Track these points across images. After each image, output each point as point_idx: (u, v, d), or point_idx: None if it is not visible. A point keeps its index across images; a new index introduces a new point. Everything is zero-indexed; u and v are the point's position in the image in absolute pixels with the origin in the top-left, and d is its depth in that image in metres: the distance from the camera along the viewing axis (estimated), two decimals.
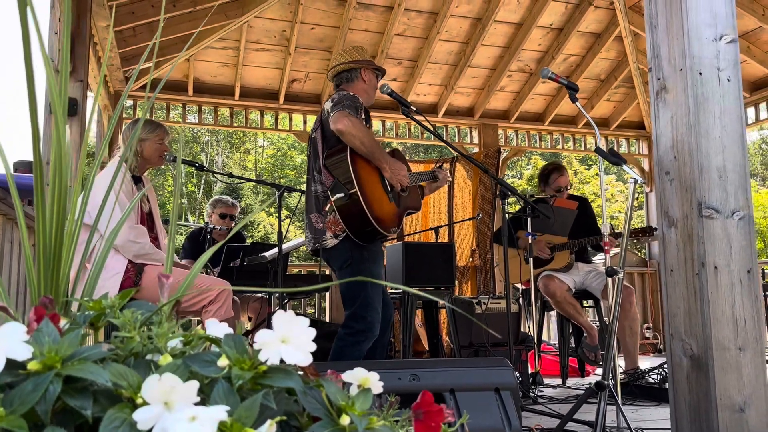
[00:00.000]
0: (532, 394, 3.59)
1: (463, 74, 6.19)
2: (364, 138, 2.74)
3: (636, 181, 2.24)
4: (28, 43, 0.72)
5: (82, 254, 1.03)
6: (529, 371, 4.15)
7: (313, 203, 2.90)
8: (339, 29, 5.58)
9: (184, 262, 4.02)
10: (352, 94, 2.89)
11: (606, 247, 2.60)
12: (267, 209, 19.51)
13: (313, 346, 0.77)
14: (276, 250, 3.67)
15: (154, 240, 3.03)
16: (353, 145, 2.74)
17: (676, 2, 2.05)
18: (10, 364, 0.64)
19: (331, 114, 2.77)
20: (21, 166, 4.47)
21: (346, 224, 2.74)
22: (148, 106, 1.10)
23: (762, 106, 6.43)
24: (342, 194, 2.71)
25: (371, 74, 3.11)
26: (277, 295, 4.07)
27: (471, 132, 6.88)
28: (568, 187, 4.53)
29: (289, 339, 0.75)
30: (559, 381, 4.40)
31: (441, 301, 4.08)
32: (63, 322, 0.79)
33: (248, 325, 4.34)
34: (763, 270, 6.36)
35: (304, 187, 3.16)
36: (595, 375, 4.79)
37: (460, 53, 6.08)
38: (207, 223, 4.65)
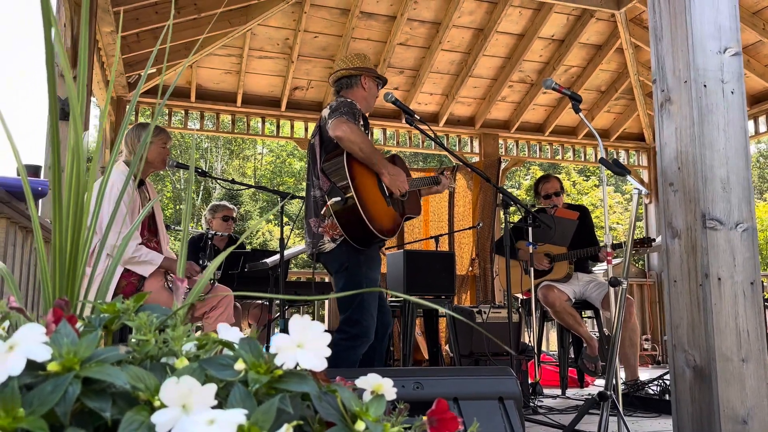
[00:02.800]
0: (532, 404, 3.58)
1: (465, 84, 6.22)
2: (362, 144, 2.74)
3: (640, 192, 2.24)
4: (51, 52, 0.72)
5: (91, 260, 1.03)
6: (529, 381, 4.14)
7: (311, 208, 2.91)
8: (342, 38, 5.61)
9: None
10: (349, 100, 2.89)
11: (609, 257, 2.61)
12: (268, 218, 19.52)
13: (329, 351, 0.77)
14: (276, 257, 3.67)
15: (157, 245, 3.02)
16: (352, 150, 2.75)
17: (681, 15, 2.07)
18: (30, 365, 0.64)
19: (329, 121, 2.78)
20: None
21: (343, 228, 2.74)
22: (157, 112, 1.11)
23: (761, 119, 6.47)
24: (338, 198, 2.72)
25: (372, 82, 3.11)
26: (278, 302, 4.07)
27: (471, 142, 6.90)
28: (559, 193, 4.54)
29: (304, 344, 0.76)
30: (558, 391, 4.39)
31: (441, 310, 4.08)
32: (78, 325, 0.80)
33: (248, 332, 4.33)
34: (762, 283, 6.37)
35: (303, 194, 3.17)
36: (595, 386, 4.79)
37: (462, 63, 6.11)
38: (208, 229, 4.65)
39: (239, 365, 0.72)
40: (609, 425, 2.21)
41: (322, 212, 2.82)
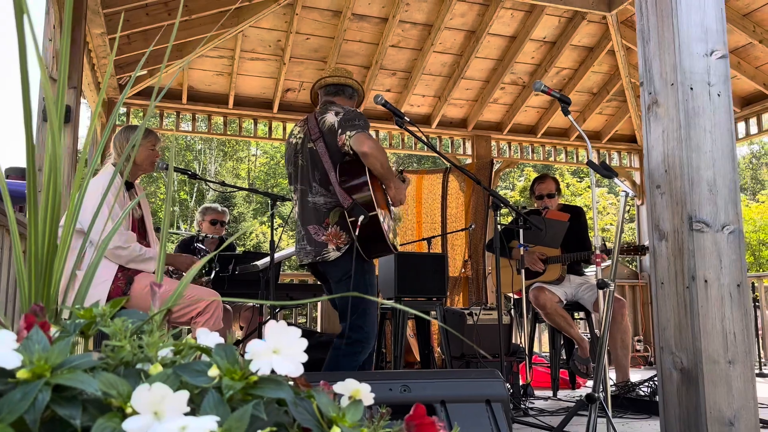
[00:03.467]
0: (522, 405, 3.58)
1: (457, 86, 6.22)
2: (384, 160, 2.81)
3: (627, 194, 2.25)
4: (24, 51, 0.72)
5: (75, 261, 1.02)
6: (520, 383, 4.14)
7: (311, 215, 2.88)
8: (334, 40, 5.61)
9: None
10: (357, 110, 2.95)
11: (598, 260, 2.61)
12: (260, 219, 19.49)
13: (305, 357, 0.77)
14: (268, 259, 3.66)
15: (147, 247, 3.01)
16: (373, 166, 2.78)
17: (668, 17, 2.08)
18: None
19: (347, 132, 2.79)
20: (12, 173, 4.45)
21: (361, 243, 2.77)
22: (148, 115, 1.10)
23: (752, 121, 6.49)
24: (363, 216, 2.74)
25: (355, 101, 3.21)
26: (269, 304, 4.06)
27: (464, 143, 6.91)
28: (553, 195, 4.55)
29: (280, 349, 0.75)
30: (550, 393, 4.40)
31: (432, 312, 4.08)
32: (53, 330, 0.79)
33: (239, 335, 4.32)
34: (752, 284, 6.40)
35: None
36: (586, 387, 4.79)
37: (454, 65, 6.12)
38: (199, 231, 4.64)
39: (213, 371, 0.72)
40: (597, 427, 2.21)
41: (326, 221, 2.83)
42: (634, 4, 2.30)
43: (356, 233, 2.73)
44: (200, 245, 4.27)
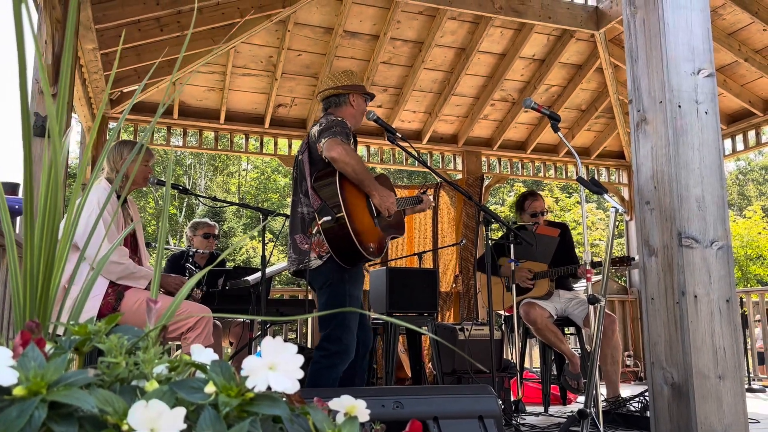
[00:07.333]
0: (514, 422, 3.57)
1: (447, 102, 6.27)
2: (356, 165, 2.76)
3: (617, 210, 2.27)
4: (24, 66, 0.72)
5: (71, 277, 1.02)
6: (512, 398, 4.13)
7: (298, 224, 2.91)
8: (325, 56, 5.64)
9: None
10: (340, 119, 2.90)
11: (588, 275, 2.63)
12: (250, 233, 19.42)
13: (301, 373, 0.77)
14: (258, 274, 3.65)
15: (138, 263, 3.00)
16: (345, 172, 2.76)
17: (656, 37, 2.11)
18: None
19: (322, 140, 2.78)
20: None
21: (331, 247, 2.75)
22: (147, 132, 1.11)
23: (738, 137, 6.58)
24: (329, 217, 2.73)
25: (360, 98, 3.12)
26: (259, 320, 4.04)
27: (454, 159, 6.95)
28: (545, 212, 4.56)
29: (276, 366, 0.75)
30: (541, 408, 4.39)
31: (424, 328, 4.07)
32: (48, 347, 0.79)
33: (229, 350, 4.29)
34: (741, 299, 6.44)
35: (287, 211, 3.17)
36: (577, 403, 4.79)
37: (445, 82, 6.17)
38: (189, 246, 4.62)
39: (210, 388, 0.72)
40: None
41: (310, 230, 2.82)
42: (622, 23, 2.34)
43: (314, 231, 2.71)
44: (190, 265, 4.26)
